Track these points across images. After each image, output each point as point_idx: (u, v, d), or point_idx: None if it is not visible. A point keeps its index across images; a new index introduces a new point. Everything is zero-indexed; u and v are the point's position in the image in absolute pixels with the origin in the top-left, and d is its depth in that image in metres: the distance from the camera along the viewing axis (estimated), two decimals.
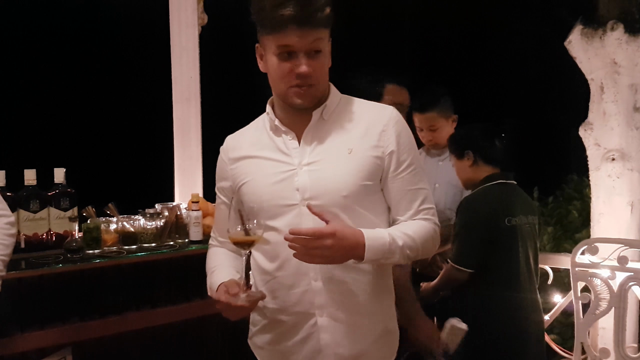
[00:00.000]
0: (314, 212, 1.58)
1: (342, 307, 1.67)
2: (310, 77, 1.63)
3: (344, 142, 1.70)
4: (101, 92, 7.01)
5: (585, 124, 3.20)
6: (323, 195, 1.65)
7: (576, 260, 3.08)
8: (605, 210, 3.13)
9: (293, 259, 1.61)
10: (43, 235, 2.49)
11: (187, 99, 3.60)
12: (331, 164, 1.68)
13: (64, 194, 2.53)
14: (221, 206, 1.86)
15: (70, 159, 2.54)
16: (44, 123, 6.68)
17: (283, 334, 1.73)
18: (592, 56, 3.15)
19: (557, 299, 3.38)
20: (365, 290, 1.69)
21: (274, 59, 1.64)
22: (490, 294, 2.80)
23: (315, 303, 1.67)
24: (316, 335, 1.68)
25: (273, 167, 1.71)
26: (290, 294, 1.69)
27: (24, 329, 2.22)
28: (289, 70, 1.63)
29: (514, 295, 2.81)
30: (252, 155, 1.76)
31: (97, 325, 2.39)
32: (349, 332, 1.68)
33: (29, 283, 2.25)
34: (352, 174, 1.66)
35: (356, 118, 1.74)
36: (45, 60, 6.97)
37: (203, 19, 3.63)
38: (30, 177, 2.47)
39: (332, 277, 1.66)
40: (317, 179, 1.66)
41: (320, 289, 1.66)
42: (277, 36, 1.61)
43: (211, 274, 1.79)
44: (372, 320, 1.72)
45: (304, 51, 1.61)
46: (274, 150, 1.73)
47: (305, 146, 1.71)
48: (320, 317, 1.67)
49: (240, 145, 1.81)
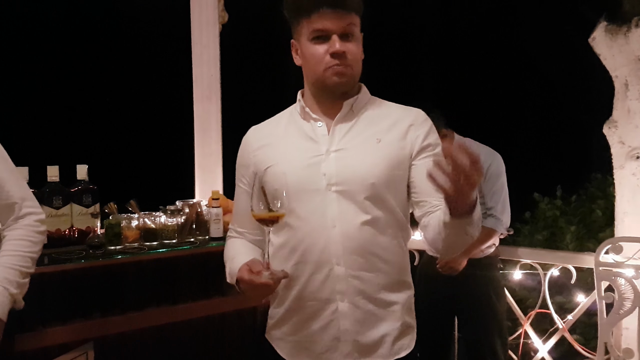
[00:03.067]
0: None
1: (362, 294, 1.68)
2: (346, 57, 1.67)
3: (373, 133, 1.73)
4: (123, 90, 7.07)
5: (610, 121, 3.16)
6: (349, 181, 1.67)
7: (600, 259, 3.04)
8: (629, 209, 3.09)
9: (315, 245, 1.65)
10: (66, 231, 2.51)
11: (208, 96, 3.62)
12: (359, 151, 1.70)
13: (87, 190, 2.55)
14: (241, 196, 1.86)
15: (93, 156, 2.57)
16: (66, 120, 6.76)
17: (303, 322, 1.73)
18: (617, 53, 3.11)
19: (580, 299, 3.35)
20: (385, 280, 1.70)
21: (309, 44, 1.69)
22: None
23: (337, 289, 1.68)
24: (336, 323, 1.69)
25: (300, 152, 1.73)
26: (312, 280, 1.69)
27: (46, 324, 2.24)
28: (324, 52, 1.67)
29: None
30: (277, 142, 1.78)
31: (119, 321, 2.41)
32: (368, 320, 1.69)
33: (52, 278, 2.27)
34: (380, 162, 1.68)
35: (385, 113, 1.78)
36: (68, 59, 7.04)
37: (224, 17, 3.64)
38: (53, 174, 2.50)
39: (355, 263, 1.67)
40: (345, 166, 1.68)
41: (342, 274, 1.67)
42: (311, 20, 1.67)
43: (231, 260, 1.79)
44: (390, 311, 1.72)
45: (337, 33, 1.66)
46: (302, 137, 1.76)
47: (334, 134, 1.73)
48: (341, 303, 1.68)
49: (265, 133, 1.83)
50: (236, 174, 1.88)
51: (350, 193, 1.67)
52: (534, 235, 5.33)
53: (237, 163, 1.88)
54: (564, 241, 5.10)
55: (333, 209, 1.67)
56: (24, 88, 6.73)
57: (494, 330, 3.28)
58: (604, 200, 5.29)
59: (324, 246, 1.67)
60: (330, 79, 1.69)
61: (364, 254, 1.67)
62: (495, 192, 3.24)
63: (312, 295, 1.70)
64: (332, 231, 1.67)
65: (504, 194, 3.26)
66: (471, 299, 3.26)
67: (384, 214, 1.69)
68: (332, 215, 1.67)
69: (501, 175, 3.27)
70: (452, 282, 3.28)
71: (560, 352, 3.55)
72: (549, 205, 5.50)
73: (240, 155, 1.87)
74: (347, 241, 1.67)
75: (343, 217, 1.67)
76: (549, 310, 3.35)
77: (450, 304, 3.34)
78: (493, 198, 3.23)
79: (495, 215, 3.21)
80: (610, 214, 3.58)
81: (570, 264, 3.30)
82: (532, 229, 5.44)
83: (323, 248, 1.66)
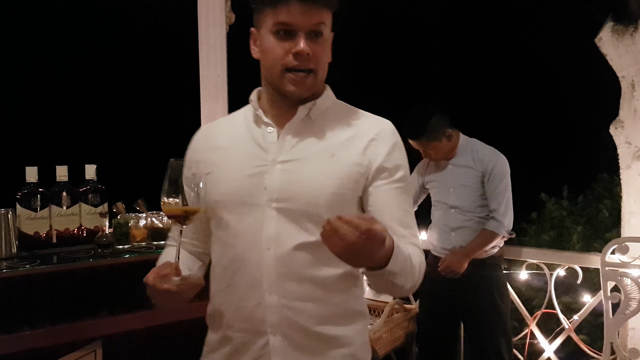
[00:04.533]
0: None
1: (297, 327, 1.47)
2: (309, 60, 1.45)
3: (327, 145, 1.51)
4: (131, 91, 7.10)
5: (616, 121, 3.16)
6: (293, 198, 1.46)
7: (606, 259, 3.04)
8: (636, 209, 3.08)
9: (246, 267, 1.46)
10: (74, 231, 2.53)
11: (215, 97, 3.63)
12: (308, 165, 1.48)
13: (95, 190, 2.57)
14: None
15: (101, 156, 2.58)
16: (75, 121, 6.79)
17: (231, 354, 1.53)
18: (623, 53, 3.10)
19: (586, 299, 3.34)
20: (327, 311, 1.49)
21: (270, 38, 1.47)
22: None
23: (268, 320, 1.46)
24: (267, 358, 1.47)
25: (243, 160, 1.52)
26: (241, 308, 1.49)
27: (55, 323, 2.25)
28: (286, 50, 1.45)
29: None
30: (224, 145, 1.57)
31: (127, 319, 2.42)
32: (305, 357, 1.48)
33: (60, 277, 2.28)
34: (330, 179, 1.47)
35: (346, 123, 1.55)
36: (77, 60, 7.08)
37: (230, 18, 3.65)
38: (62, 174, 2.51)
39: (289, 291, 1.46)
40: (289, 181, 1.47)
41: (275, 304, 1.46)
42: (276, 11, 1.44)
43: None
44: (335, 346, 1.50)
45: (304, 31, 1.44)
46: (249, 142, 1.54)
47: (284, 142, 1.51)
48: (272, 337, 1.47)
49: (214, 134, 1.63)
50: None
51: (292, 212, 1.45)
52: (541, 236, 5.32)
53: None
54: (570, 241, 5.09)
55: (270, 228, 1.46)
56: (34, 88, 6.77)
57: (498, 330, 3.28)
58: (611, 201, 5.28)
59: (255, 270, 1.46)
60: (286, 86, 1.48)
61: (301, 281, 1.46)
62: (498, 193, 3.24)
63: (240, 325, 1.49)
64: (266, 253, 1.46)
65: (507, 196, 3.26)
66: (475, 299, 3.27)
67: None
68: (268, 235, 1.46)
69: (505, 176, 3.27)
70: (456, 283, 3.29)
71: (566, 353, 3.55)
72: (556, 205, 5.50)
73: (187, 154, 1.65)
74: (281, 266, 1.45)
75: (280, 239, 1.46)
76: (555, 310, 3.35)
77: (454, 304, 3.35)
78: (496, 200, 3.24)
79: (497, 217, 3.22)
80: (616, 214, 3.57)
81: (576, 264, 3.30)
82: (538, 229, 5.43)
83: (254, 272, 1.46)
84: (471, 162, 3.31)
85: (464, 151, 3.36)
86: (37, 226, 2.42)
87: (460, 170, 3.33)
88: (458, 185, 3.32)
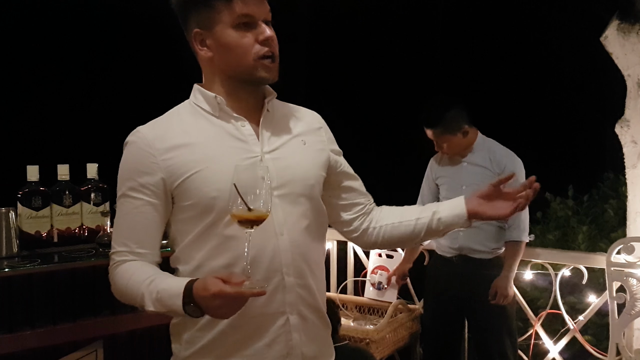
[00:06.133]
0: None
1: (307, 304, 1.59)
2: (276, 44, 1.55)
3: (295, 134, 1.64)
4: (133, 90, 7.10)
5: (622, 120, 3.14)
6: (290, 183, 1.56)
7: (612, 259, 3.02)
8: None
9: (263, 255, 1.50)
10: (76, 230, 2.52)
11: None
12: (292, 154, 1.60)
13: (97, 189, 2.56)
14: (142, 209, 1.54)
15: (103, 155, 2.57)
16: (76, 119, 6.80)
17: (243, 341, 1.54)
18: (629, 52, 3.09)
19: (591, 299, 3.32)
20: (320, 287, 1.65)
21: (231, 32, 1.51)
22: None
23: (287, 300, 1.55)
24: (284, 337, 1.55)
25: (230, 154, 1.53)
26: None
27: (56, 322, 2.25)
28: (251, 40, 1.51)
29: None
30: (195, 142, 1.54)
31: (128, 319, 2.41)
32: (311, 330, 1.61)
33: (62, 276, 2.28)
34: (312, 163, 1.63)
35: (297, 115, 1.70)
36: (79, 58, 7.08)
37: None
38: (64, 172, 2.50)
39: (301, 271, 1.58)
40: (284, 167, 1.56)
41: (292, 284, 1.55)
42: (232, 5, 1.49)
43: (150, 283, 1.47)
44: (323, 317, 1.67)
45: (262, 19, 1.53)
46: (226, 137, 1.55)
47: (263, 134, 1.58)
48: (291, 315, 1.56)
49: (168, 134, 1.55)
50: (125, 184, 1.56)
51: (293, 197, 1.56)
52: (546, 235, 5.29)
53: (126, 170, 1.56)
54: (575, 241, 5.07)
55: (278, 214, 1.52)
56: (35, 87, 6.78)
57: (503, 330, 3.26)
58: (616, 200, 5.25)
59: (272, 255, 1.52)
60: (261, 74, 1.53)
61: (307, 261, 1.58)
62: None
63: (259, 309, 1.51)
64: (281, 239, 1.53)
65: None
66: (480, 299, 3.24)
67: (318, 217, 1.62)
68: (278, 221, 1.53)
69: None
70: (461, 282, 3.27)
71: (571, 353, 3.52)
72: (561, 205, 5.47)
73: (133, 159, 1.55)
74: (295, 248, 1.55)
75: (289, 223, 1.55)
76: (560, 310, 3.33)
77: (459, 304, 3.33)
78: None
79: (516, 225, 3.18)
80: (622, 214, 3.56)
81: (581, 264, 3.28)
82: (543, 229, 5.41)
83: (272, 257, 1.51)
84: (487, 163, 3.28)
85: (481, 150, 3.32)
86: (38, 225, 2.41)
87: (475, 169, 3.30)
88: (471, 184, 3.28)
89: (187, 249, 1.57)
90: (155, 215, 1.55)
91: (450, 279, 3.31)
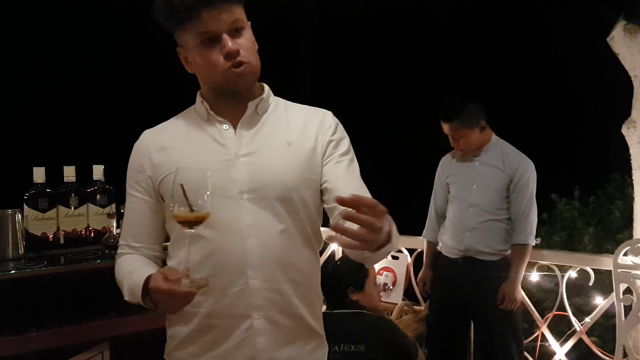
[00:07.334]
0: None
1: (278, 308, 1.57)
2: (239, 53, 1.54)
3: (281, 136, 1.63)
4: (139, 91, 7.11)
5: (628, 121, 3.13)
6: (263, 187, 1.56)
7: (618, 261, 3.01)
8: None
9: (229, 256, 1.53)
10: (82, 231, 2.52)
11: None
12: (270, 156, 1.60)
13: (103, 190, 2.56)
14: (136, 205, 1.67)
15: (109, 156, 2.57)
16: (83, 121, 6.81)
17: (213, 341, 1.58)
18: (635, 52, 3.08)
19: (598, 301, 3.31)
20: (300, 292, 1.60)
21: (199, 50, 1.56)
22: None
23: (252, 303, 1.55)
24: (251, 340, 1.56)
25: (207, 155, 1.59)
26: (225, 295, 1.55)
27: (62, 324, 2.25)
28: (217, 55, 1.54)
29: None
30: (179, 145, 1.63)
31: (134, 320, 2.41)
32: (284, 335, 1.59)
33: (68, 278, 2.28)
34: (293, 166, 1.59)
35: (292, 116, 1.68)
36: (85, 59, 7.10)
37: None
38: (70, 174, 2.51)
39: (271, 275, 1.56)
40: (257, 171, 1.57)
41: (258, 287, 1.55)
42: (194, 26, 1.53)
43: (129, 275, 1.59)
44: (303, 323, 1.63)
45: (224, 32, 1.54)
46: (207, 140, 1.62)
47: (241, 137, 1.61)
48: (256, 319, 1.56)
49: (163, 137, 1.67)
50: (127, 181, 1.70)
51: (265, 200, 1.56)
52: (552, 237, 5.28)
53: (128, 169, 1.70)
54: (582, 243, 5.06)
55: (247, 218, 1.55)
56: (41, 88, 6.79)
57: (508, 332, 3.25)
58: (623, 202, 5.24)
59: (238, 258, 1.54)
60: (232, 84, 1.58)
61: (282, 265, 1.56)
62: (525, 200, 3.21)
63: (224, 311, 1.55)
64: (247, 241, 1.55)
65: (533, 204, 3.23)
66: (486, 300, 3.24)
67: (299, 221, 1.59)
68: (246, 224, 1.55)
69: (533, 184, 3.25)
70: (467, 284, 3.27)
71: (577, 355, 3.51)
72: (567, 206, 5.46)
73: (132, 160, 1.69)
74: (264, 251, 1.55)
75: (259, 226, 1.55)
76: (567, 312, 3.32)
77: (465, 305, 3.33)
78: (522, 206, 3.20)
79: (523, 227, 3.17)
80: (628, 215, 3.54)
81: (588, 266, 3.26)
82: (549, 231, 5.40)
83: (238, 260, 1.53)
84: (500, 164, 3.27)
85: (494, 151, 3.32)
86: (44, 227, 2.41)
87: (487, 169, 3.29)
88: (482, 184, 3.28)
89: (171, 246, 1.67)
90: (148, 211, 1.65)
91: (455, 280, 3.31)
